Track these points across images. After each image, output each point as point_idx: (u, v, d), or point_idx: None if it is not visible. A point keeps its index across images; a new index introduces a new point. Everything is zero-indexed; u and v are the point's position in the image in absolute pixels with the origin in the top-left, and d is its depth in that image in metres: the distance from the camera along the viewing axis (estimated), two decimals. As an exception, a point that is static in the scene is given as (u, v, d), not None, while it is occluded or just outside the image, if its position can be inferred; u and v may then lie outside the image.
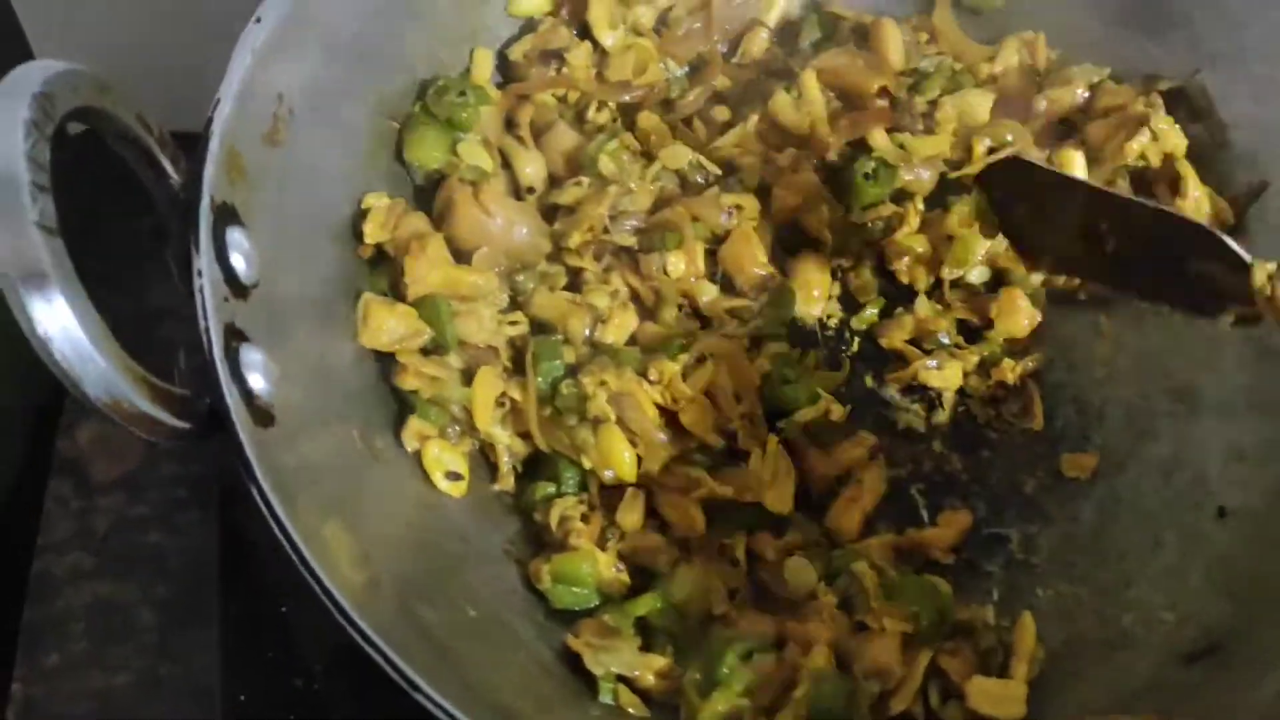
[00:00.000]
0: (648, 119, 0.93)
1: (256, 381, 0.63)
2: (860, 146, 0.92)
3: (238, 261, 0.66)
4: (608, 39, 0.93)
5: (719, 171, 0.90)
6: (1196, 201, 0.87)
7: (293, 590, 0.60)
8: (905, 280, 0.91)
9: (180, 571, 0.89)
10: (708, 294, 0.86)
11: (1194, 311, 0.78)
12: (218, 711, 0.80)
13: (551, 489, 0.79)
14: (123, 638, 0.86)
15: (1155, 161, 0.88)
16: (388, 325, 0.78)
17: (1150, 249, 0.76)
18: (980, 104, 0.95)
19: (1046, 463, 0.87)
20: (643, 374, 0.80)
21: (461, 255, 0.84)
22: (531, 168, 0.91)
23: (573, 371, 0.80)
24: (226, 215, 0.67)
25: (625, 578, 0.77)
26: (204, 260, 0.63)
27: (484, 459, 0.81)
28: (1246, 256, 0.72)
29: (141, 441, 0.84)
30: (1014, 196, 0.82)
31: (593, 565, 0.75)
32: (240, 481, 0.59)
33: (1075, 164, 0.87)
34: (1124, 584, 0.81)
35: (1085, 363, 0.90)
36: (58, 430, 0.94)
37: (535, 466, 0.81)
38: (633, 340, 0.84)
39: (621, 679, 0.72)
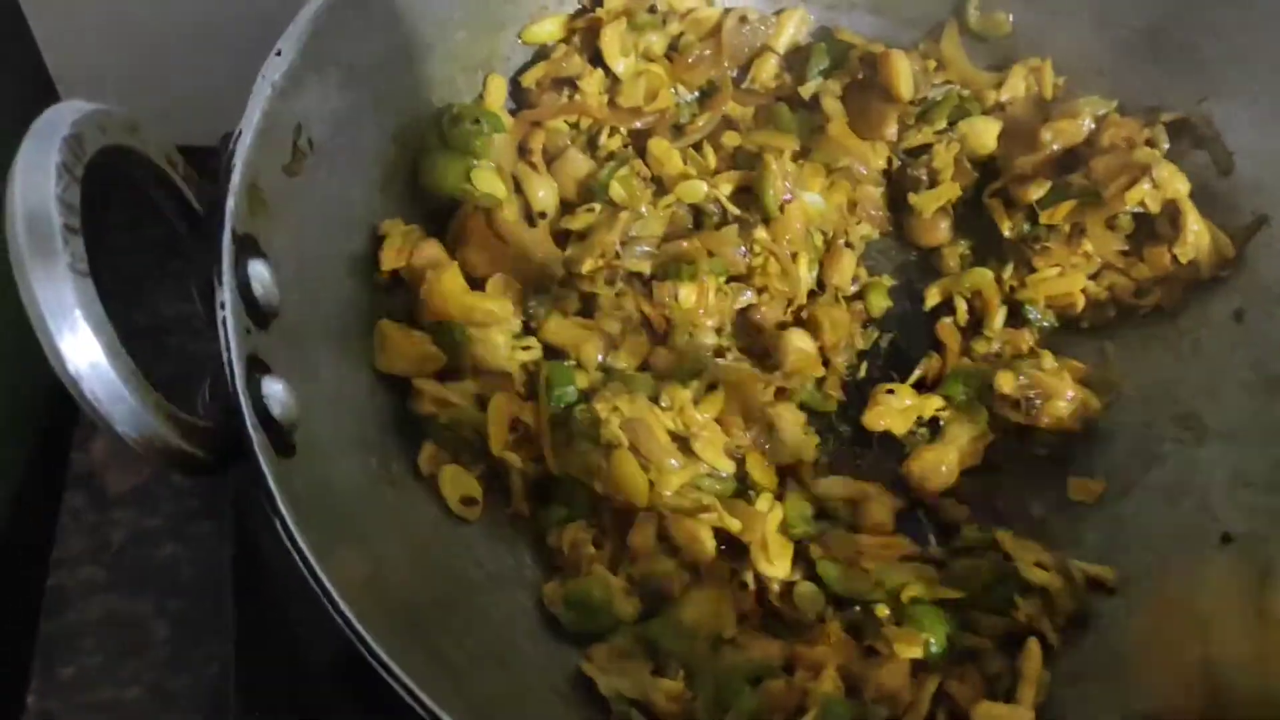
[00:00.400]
0: (658, 145, 0.94)
1: (278, 411, 0.64)
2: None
3: (259, 292, 0.67)
4: (619, 66, 0.95)
5: (737, 211, 0.91)
6: (1196, 236, 0.88)
7: (305, 607, 0.60)
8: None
9: (193, 584, 0.90)
10: (709, 337, 0.87)
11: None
12: None
13: (564, 512, 0.80)
14: (136, 650, 0.87)
15: (1155, 208, 0.89)
16: (404, 351, 0.80)
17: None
18: (987, 131, 0.96)
19: (1053, 487, 0.89)
20: (655, 400, 0.81)
21: (476, 281, 0.85)
22: (544, 193, 0.92)
23: (586, 396, 0.81)
24: (248, 247, 0.68)
25: (636, 601, 0.78)
26: (227, 293, 0.64)
27: (498, 483, 0.82)
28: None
29: None
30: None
31: (604, 589, 0.77)
32: (255, 497, 0.60)
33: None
34: (1129, 609, 0.82)
35: (1092, 388, 0.91)
36: (72, 444, 0.95)
37: (548, 490, 0.82)
38: (645, 366, 0.86)
39: (634, 703, 0.73)
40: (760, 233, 0.90)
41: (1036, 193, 0.92)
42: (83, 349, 0.53)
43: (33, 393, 0.99)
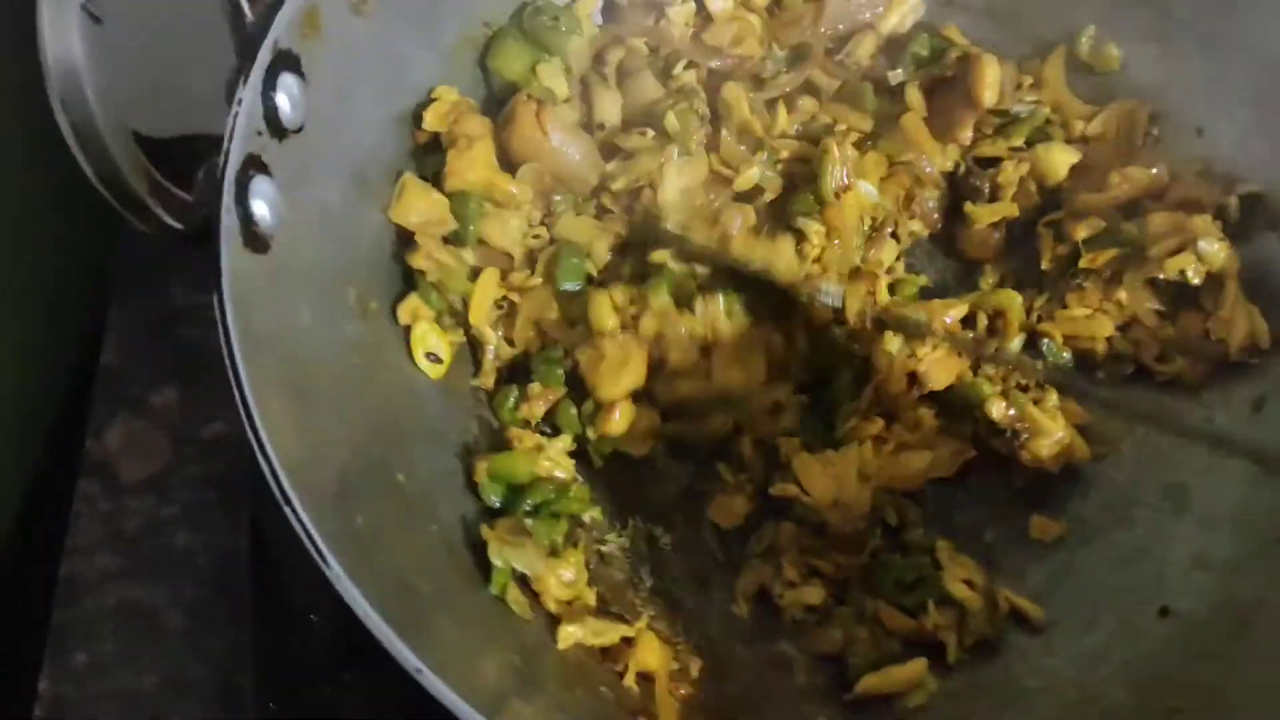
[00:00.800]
0: (732, 90, 0.95)
1: (260, 209, 0.68)
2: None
3: (283, 103, 0.71)
4: (716, 4, 0.96)
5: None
6: (1230, 315, 0.85)
7: (321, 598, 0.62)
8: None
9: (208, 573, 0.89)
10: None
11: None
12: (248, 718, 0.81)
13: (517, 393, 0.83)
14: (151, 639, 0.86)
15: (1197, 279, 0.87)
16: (419, 207, 0.83)
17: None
18: (1062, 160, 0.94)
19: (1015, 519, 0.87)
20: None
21: (512, 165, 0.88)
22: (610, 106, 0.94)
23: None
24: (287, 61, 0.72)
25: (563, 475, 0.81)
26: (248, 91, 0.69)
27: (465, 354, 0.85)
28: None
29: (170, 441, 0.90)
30: None
31: (530, 464, 0.79)
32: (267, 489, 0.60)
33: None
34: (1044, 651, 0.80)
35: (1090, 437, 0.89)
36: (86, 431, 0.94)
37: (515, 375, 0.85)
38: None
39: (521, 580, 0.75)
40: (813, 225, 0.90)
41: (1085, 232, 0.90)
42: (75, 82, 0.57)
43: (48, 382, 0.99)
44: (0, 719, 0.86)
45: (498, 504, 0.79)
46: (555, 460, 0.80)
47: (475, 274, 0.84)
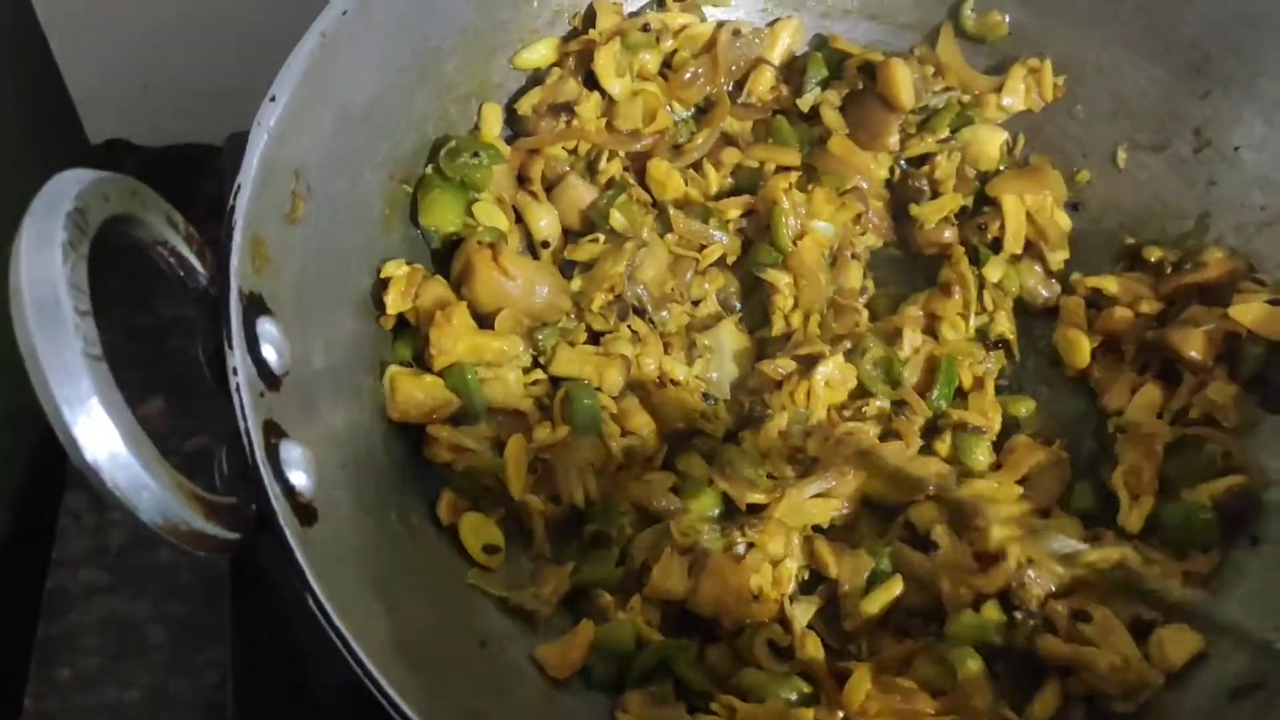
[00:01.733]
0: (658, 167, 0.92)
1: (299, 479, 0.62)
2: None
3: (269, 353, 0.65)
4: (615, 87, 0.92)
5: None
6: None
7: (303, 613, 0.59)
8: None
9: (192, 589, 0.90)
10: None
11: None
12: None
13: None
14: (135, 654, 0.88)
15: None
16: (415, 398, 0.78)
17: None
18: (990, 140, 0.95)
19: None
20: None
21: (482, 318, 0.83)
22: (545, 221, 0.90)
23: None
24: (255, 306, 0.65)
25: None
26: (238, 357, 0.62)
27: (516, 526, 0.80)
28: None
29: None
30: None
31: (632, 632, 0.75)
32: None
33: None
34: (1165, 619, 0.81)
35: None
36: None
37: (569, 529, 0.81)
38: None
39: (679, 746, 0.71)
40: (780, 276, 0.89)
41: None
42: (101, 437, 0.50)
43: (32, 393, 0.97)
44: (-14, 732, 0.87)
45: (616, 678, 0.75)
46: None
47: (498, 445, 0.78)
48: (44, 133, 1.19)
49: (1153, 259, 0.91)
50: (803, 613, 0.78)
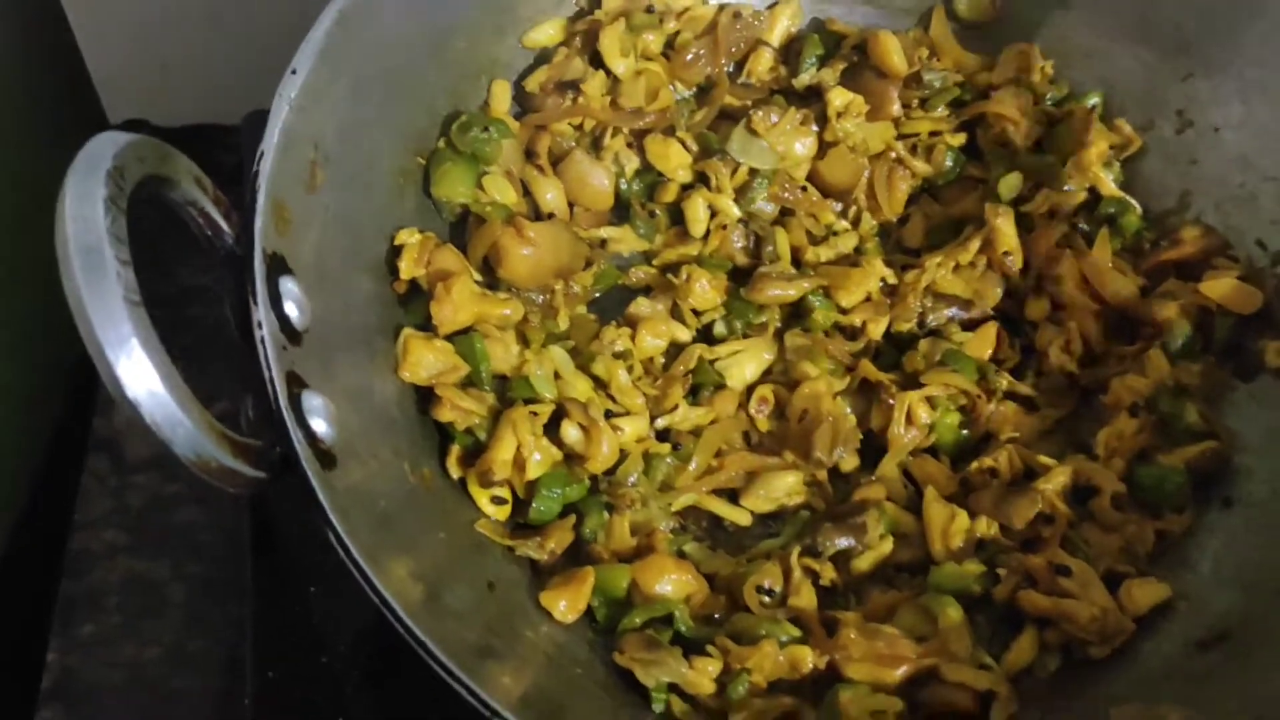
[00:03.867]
0: (654, 142, 0.97)
1: (319, 425, 0.66)
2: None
3: (291, 309, 0.69)
4: (619, 66, 0.96)
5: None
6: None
7: (320, 572, 0.63)
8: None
9: (211, 548, 0.93)
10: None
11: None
12: (248, 687, 0.82)
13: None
14: (155, 612, 0.91)
15: None
16: (426, 360, 0.81)
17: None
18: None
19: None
20: None
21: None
22: (551, 194, 0.94)
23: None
24: (278, 265, 0.70)
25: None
26: (262, 312, 0.66)
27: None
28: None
29: None
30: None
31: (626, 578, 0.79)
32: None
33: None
34: (1138, 573, 0.85)
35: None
36: (94, 409, 0.97)
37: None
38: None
39: (674, 689, 0.75)
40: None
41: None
42: (141, 376, 0.54)
43: (58, 363, 1.02)
44: (11, 688, 0.90)
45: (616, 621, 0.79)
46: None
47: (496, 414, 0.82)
48: (66, 112, 1.23)
49: (1131, 235, 0.95)
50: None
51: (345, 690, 0.84)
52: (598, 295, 0.94)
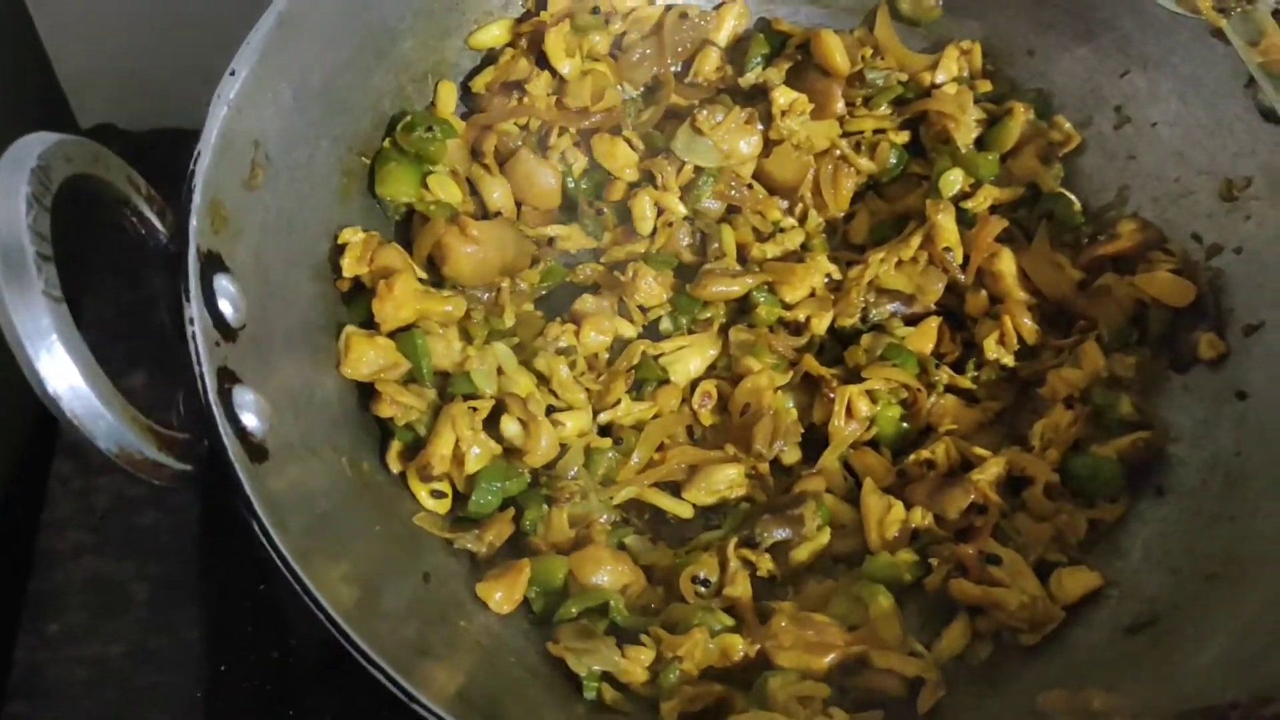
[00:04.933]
0: (601, 141, 0.98)
1: (250, 420, 0.67)
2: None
3: (225, 307, 0.70)
4: (565, 67, 0.98)
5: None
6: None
7: (270, 568, 0.64)
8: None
9: (173, 549, 0.94)
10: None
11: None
12: (199, 681, 0.87)
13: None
14: (118, 610, 0.92)
15: None
16: (368, 357, 0.82)
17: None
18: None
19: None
20: None
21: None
22: (498, 193, 0.96)
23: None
24: (213, 263, 0.71)
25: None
26: (194, 309, 0.67)
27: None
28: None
29: None
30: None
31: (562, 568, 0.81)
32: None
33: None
34: (1072, 562, 0.86)
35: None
36: None
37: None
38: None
39: (607, 677, 0.76)
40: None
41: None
42: (61, 371, 0.56)
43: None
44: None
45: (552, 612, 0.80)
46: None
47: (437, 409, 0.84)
48: (36, 118, 1.24)
49: (1069, 229, 0.96)
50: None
51: (295, 682, 0.87)
52: (545, 292, 0.96)
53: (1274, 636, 0.72)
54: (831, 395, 0.90)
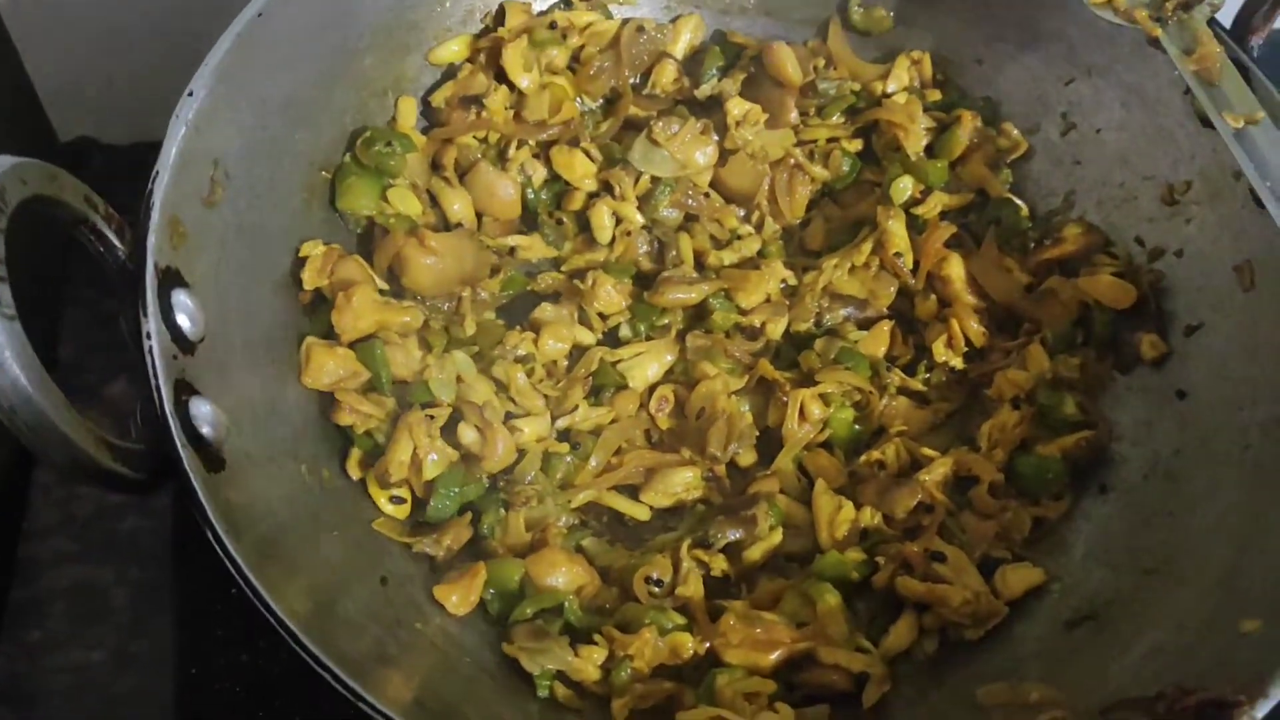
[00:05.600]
0: (560, 153, 1.00)
1: (206, 430, 0.70)
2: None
3: (183, 321, 0.73)
4: (523, 81, 1.00)
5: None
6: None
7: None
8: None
9: (153, 555, 0.96)
10: None
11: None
12: (170, 684, 0.90)
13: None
14: (99, 617, 0.94)
15: None
16: (328, 367, 0.85)
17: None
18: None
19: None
20: None
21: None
22: (459, 205, 0.98)
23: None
24: (171, 279, 0.73)
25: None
26: (151, 324, 0.70)
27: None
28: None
29: (119, 431, 0.93)
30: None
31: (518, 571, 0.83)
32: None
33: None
34: (1017, 559, 0.89)
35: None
36: None
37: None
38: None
39: (560, 676, 0.79)
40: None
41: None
42: (13, 386, 0.58)
43: None
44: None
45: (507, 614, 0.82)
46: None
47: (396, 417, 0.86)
48: (15, 131, 1.26)
49: (1017, 234, 0.99)
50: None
51: (265, 684, 0.89)
52: (506, 301, 0.98)
53: (1204, 630, 0.74)
54: (786, 399, 0.92)
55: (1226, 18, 0.91)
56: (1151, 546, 0.83)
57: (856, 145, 1.04)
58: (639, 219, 1.00)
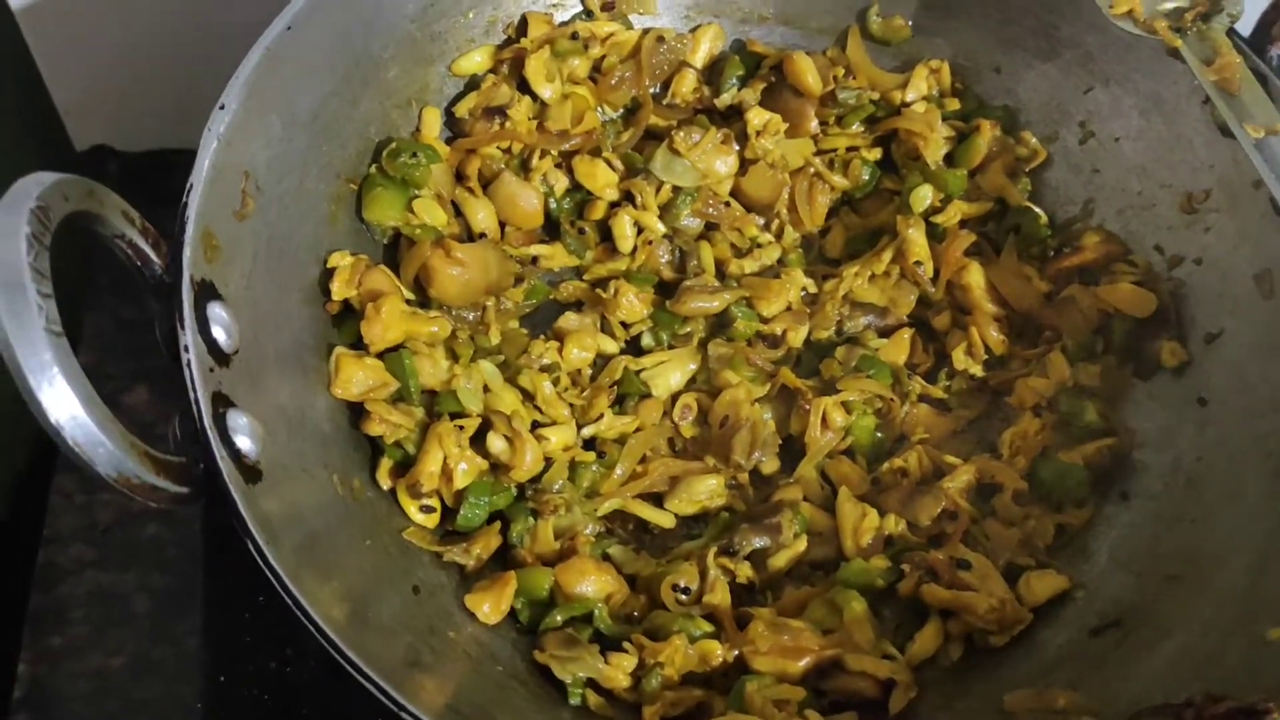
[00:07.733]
0: (582, 163, 1.01)
1: (244, 443, 0.70)
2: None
3: (219, 334, 0.73)
4: (545, 91, 1.01)
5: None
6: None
7: (268, 581, 0.67)
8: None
9: (175, 562, 0.97)
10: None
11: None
12: (198, 691, 0.91)
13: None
14: (120, 623, 0.94)
15: None
16: (357, 377, 0.85)
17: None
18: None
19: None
20: None
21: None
22: (483, 215, 0.99)
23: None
24: (206, 291, 0.74)
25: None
26: (189, 337, 0.70)
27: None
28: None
29: (140, 438, 0.95)
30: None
31: (547, 579, 0.84)
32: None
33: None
34: (1041, 565, 0.90)
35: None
36: None
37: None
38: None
39: (591, 684, 0.79)
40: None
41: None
42: (62, 402, 0.59)
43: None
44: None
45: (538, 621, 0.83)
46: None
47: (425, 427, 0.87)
48: (31, 140, 1.27)
49: (1037, 242, 0.99)
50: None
51: (293, 692, 0.90)
52: (529, 310, 0.99)
53: (1228, 635, 0.75)
54: (808, 407, 0.93)
55: (1245, 28, 0.92)
56: (1174, 553, 0.84)
57: (876, 154, 1.05)
58: (660, 228, 1.01)
